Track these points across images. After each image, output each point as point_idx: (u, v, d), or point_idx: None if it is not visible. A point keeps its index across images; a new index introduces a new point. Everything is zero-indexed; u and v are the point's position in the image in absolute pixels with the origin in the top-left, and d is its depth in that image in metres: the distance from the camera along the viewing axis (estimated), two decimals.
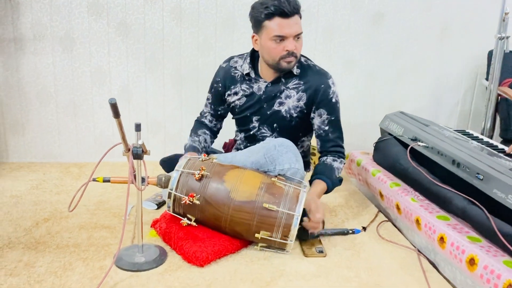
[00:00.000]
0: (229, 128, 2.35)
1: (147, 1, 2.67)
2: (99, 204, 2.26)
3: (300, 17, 1.92)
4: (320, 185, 1.97)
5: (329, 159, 2.04)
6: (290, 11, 1.85)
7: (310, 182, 2.02)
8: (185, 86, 2.85)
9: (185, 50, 2.79)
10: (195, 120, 2.30)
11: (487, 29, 2.97)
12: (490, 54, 2.87)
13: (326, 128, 2.04)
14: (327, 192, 2.00)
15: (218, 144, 2.43)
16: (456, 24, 2.99)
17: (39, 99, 2.75)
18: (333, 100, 2.03)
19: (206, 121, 2.26)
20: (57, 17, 2.62)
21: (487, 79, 2.86)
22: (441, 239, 1.72)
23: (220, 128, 2.32)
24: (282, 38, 1.89)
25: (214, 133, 2.29)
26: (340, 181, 2.07)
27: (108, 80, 2.77)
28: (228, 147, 2.42)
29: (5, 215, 2.11)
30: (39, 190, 2.43)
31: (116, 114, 1.46)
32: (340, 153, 2.07)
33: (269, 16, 1.87)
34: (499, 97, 2.70)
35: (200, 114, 2.29)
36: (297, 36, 1.91)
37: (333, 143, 2.05)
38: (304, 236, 1.87)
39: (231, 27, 2.78)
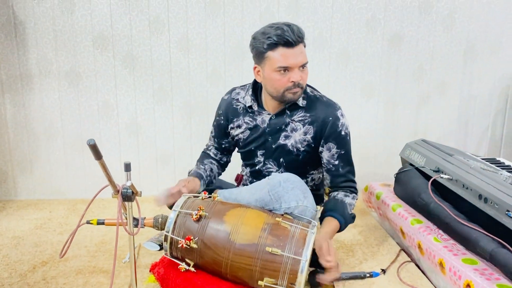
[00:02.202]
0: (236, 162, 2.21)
1: (153, 32, 2.60)
2: (101, 245, 2.16)
3: (304, 46, 1.79)
4: (332, 223, 1.79)
5: (340, 195, 1.87)
6: (294, 40, 1.72)
7: (321, 219, 1.84)
8: (195, 117, 2.75)
9: (193, 81, 2.69)
10: (202, 152, 2.18)
11: None
12: None
13: (336, 162, 1.88)
14: (339, 230, 1.82)
15: (230, 176, 2.30)
16: (481, 43, 2.80)
17: (46, 135, 2.69)
18: (343, 133, 1.87)
19: (211, 154, 2.14)
20: (62, 52, 2.58)
21: None
22: (468, 286, 1.51)
23: (228, 161, 2.18)
24: (286, 69, 1.76)
25: (221, 165, 2.16)
26: (353, 218, 1.89)
27: (115, 113, 2.70)
28: (240, 180, 2.28)
29: (3, 259, 2.03)
30: (43, 230, 2.34)
31: (98, 155, 1.35)
32: (352, 188, 1.90)
33: (272, 47, 1.74)
34: None
35: (206, 146, 2.18)
36: (302, 66, 1.78)
37: (344, 178, 1.89)
38: (315, 282, 1.70)
39: (240, 56, 2.67)
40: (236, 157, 2.20)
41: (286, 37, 1.71)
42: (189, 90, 2.71)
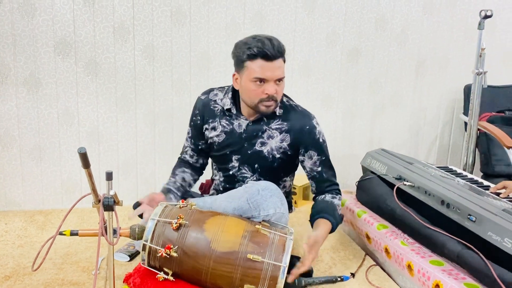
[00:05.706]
0: (206, 168, 2.22)
1: (118, 39, 2.57)
2: (66, 257, 2.09)
3: (284, 61, 1.85)
4: (326, 225, 1.85)
5: (328, 197, 1.95)
6: (273, 54, 1.78)
7: (312, 221, 1.91)
8: (159, 126, 2.73)
9: (158, 89, 2.68)
10: (178, 158, 2.17)
11: (462, 64, 2.99)
12: (466, 88, 2.87)
13: (319, 169, 1.96)
14: (331, 231, 1.89)
15: (194, 185, 2.30)
16: (431, 59, 2.99)
17: (1, 144, 2.57)
18: (321, 140, 1.96)
19: (187, 157, 2.12)
20: (21, 57, 2.49)
21: (464, 113, 2.85)
22: (437, 286, 1.62)
23: (205, 163, 2.17)
24: (263, 81, 1.81)
25: (197, 170, 2.15)
26: (341, 218, 1.97)
27: (76, 121, 2.63)
28: (205, 189, 2.29)
29: None
30: (0, 243, 2.23)
31: (86, 164, 1.33)
32: (337, 190, 1.99)
33: (252, 57, 1.79)
34: (478, 131, 2.68)
35: (182, 149, 2.16)
36: (279, 80, 1.84)
37: (328, 182, 1.98)
38: (290, 285, 1.75)
39: (206, 65, 2.69)
40: None
41: (266, 50, 1.77)
42: (154, 99, 2.69)
